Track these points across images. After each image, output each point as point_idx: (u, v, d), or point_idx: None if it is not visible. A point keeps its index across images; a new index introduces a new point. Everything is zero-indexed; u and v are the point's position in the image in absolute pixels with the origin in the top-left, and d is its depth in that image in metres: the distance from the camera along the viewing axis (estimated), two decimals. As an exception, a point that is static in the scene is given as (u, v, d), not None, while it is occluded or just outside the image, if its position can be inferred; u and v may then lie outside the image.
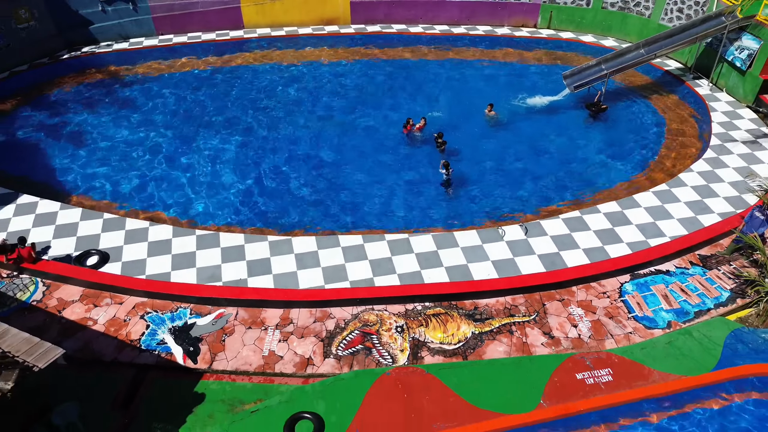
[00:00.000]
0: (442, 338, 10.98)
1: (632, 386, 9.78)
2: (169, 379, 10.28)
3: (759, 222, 11.67)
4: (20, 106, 19.15)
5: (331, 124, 18.06)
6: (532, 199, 14.93)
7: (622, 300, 11.65)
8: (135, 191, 15.41)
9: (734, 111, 17.82)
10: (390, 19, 23.50)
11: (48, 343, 8.17)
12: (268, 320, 11.34)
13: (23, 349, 7.87)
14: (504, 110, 18.46)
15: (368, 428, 9.18)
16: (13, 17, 19.96)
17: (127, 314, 11.43)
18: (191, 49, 22.27)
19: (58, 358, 8.16)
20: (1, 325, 8.44)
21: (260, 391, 10.07)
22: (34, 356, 7.80)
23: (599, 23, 22.33)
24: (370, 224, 14.23)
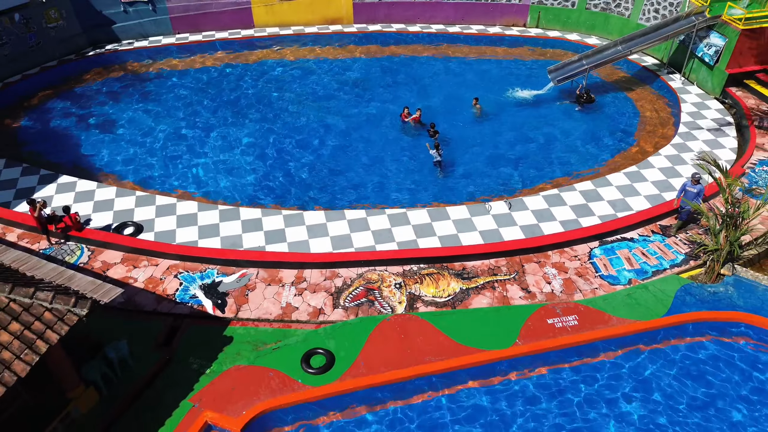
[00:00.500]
0: (434, 293, 12.78)
1: (594, 329, 11.57)
2: (201, 326, 12.08)
3: (692, 195, 13.40)
4: (51, 98, 20.95)
5: (336, 114, 19.85)
6: (517, 179, 16.71)
7: (590, 262, 13.45)
8: (159, 173, 17.20)
9: (703, 102, 19.62)
10: (390, 19, 25.28)
11: (108, 284, 9.96)
12: (285, 279, 13.15)
13: (89, 288, 9.63)
14: (494, 102, 20.25)
15: (371, 362, 10.97)
16: (44, 17, 21.74)
17: (162, 274, 13.24)
18: (206, 47, 24.04)
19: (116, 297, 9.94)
20: (68, 271, 10.23)
21: (280, 334, 11.87)
22: (98, 293, 9.56)
23: (584, 23, 24.11)
24: (372, 200, 16.00)
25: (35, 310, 8.64)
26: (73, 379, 10.10)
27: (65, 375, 9.94)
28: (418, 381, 10.82)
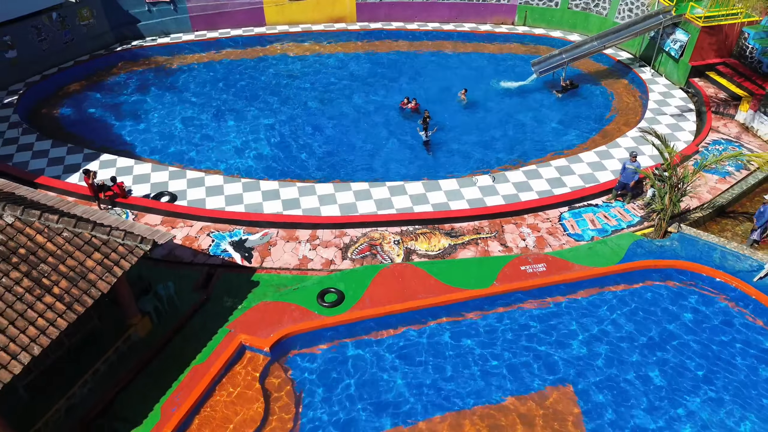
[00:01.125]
0: (427, 248, 15.16)
1: (559, 274, 13.95)
2: (232, 273, 14.46)
3: (631, 173, 15.76)
4: (85, 88, 23.31)
5: (342, 102, 22.21)
6: (501, 157, 19.07)
7: (560, 223, 15.83)
8: (186, 152, 19.55)
9: (669, 92, 21.98)
10: (390, 17, 27.62)
11: (162, 230, 12.32)
12: (301, 237, 15.53)
13: (148, 233, 11.97)
14: (484, 92, 22.62)
15: (374, 298, 13.36)
16: (78, 16, 24.10)
17: (197, 233, 15.62)
18: (222, 43, 26.39)
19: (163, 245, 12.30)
20: (129, 221, 12.58)
21: (298, 279, 14.24)
22: (156, 237, 11.91)
23: (566, 21, 26.48)
24: (374, 175, 18.36)
25: (111, 245, 11.02)
26: (133, 309, 12.49)
27: (127, 304, 12.32)
28: (413, 313, 13.20)
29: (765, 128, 18.85)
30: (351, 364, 12.45)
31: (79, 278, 10.41)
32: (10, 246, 10.16)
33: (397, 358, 12.56)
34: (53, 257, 10.40)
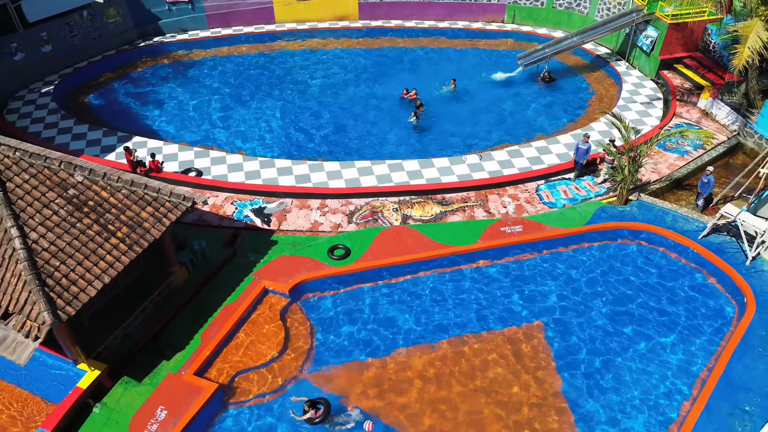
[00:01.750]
0: (421, 214, 17.55)
1: (534, 233, 16.34)
2: (254, 234, 16.85)
3: (583, 152, 18.15)
4: (112, 80, 25.70)
5: (346, 92, 24.59)
6: (488, 139, 21.44)
7: (537, 194, 18.23)
8: (208, 136, 21.93)
9: (641, 83, 24.37)
10: (389, 16, 29.98)
11: (199, 193, 14.71)
12: (312, 205, 17.93)
13: (188, 194, 14.34)
14: (475, 82, 25.00)
15: (376, 253, 15.75)
16: (105, 14, 26.49)
17: (222, 202, 18.02)
18: (235, 39, 28.76)
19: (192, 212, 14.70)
20: (170, 185, 14.96)
21: (311, 239, 16.63)
22: (195, 197, 14.27)
23: (551, 19, 28.86)
24: (375, 154, 20.73)
25: (160, 201, 13.42)
26: (174, 260, 14.89)
27: (170, 255, 14.72)
28: (409, 265, 15.60)
29: (722, 113, 21.24)
30: (355, 305, 14.85)
31: (136, 226, 12.83)
32: (81, 199, 12.57)
33: (396, 301, 14.96)
34: (115, 209, 12.82)
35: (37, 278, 11.16)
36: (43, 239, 11.67)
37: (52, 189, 12.38)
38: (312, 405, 12.08)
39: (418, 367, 13.43)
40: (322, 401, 12.28)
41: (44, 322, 10.85)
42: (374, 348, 13.85)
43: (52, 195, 12.30)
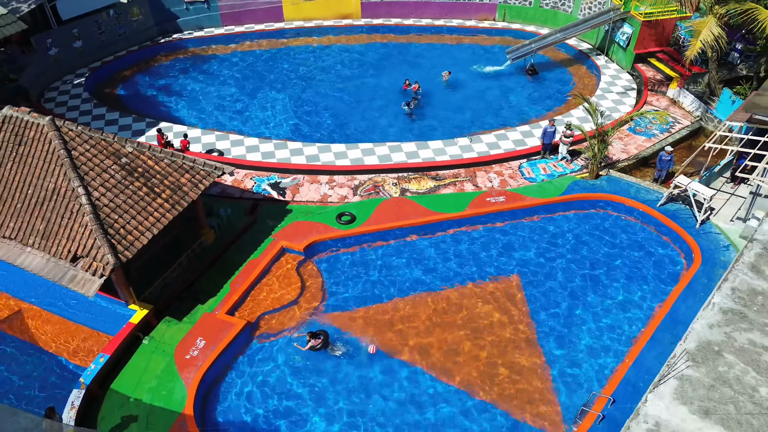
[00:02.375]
0: (417, 188, 20.00)
1: (515, 203, 18.80)
2: (271, 204, 19.31)
3: (550, 134, 20.60)
4: (136, 73, 28.16)
5: (350, 83, 27.05)
6: (478, 124, 23.89)
7: (519, 170, 20.69)
8: (225, 121, 24.39)
9: (617, 75, 26.82)
10: (389, 14, 32.40)
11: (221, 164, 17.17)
12: (321, 180, 20.38)
13: (217, 165, 16.77)
14: (467, 74, 27.45)
15: (378, 219, 18.21)
16: (129, 13, 28.94)
17: (242, 177, 20.48)
18: (247, 36, 31.20)
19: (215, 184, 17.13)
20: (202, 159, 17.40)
21: (321, 208, 19.07)
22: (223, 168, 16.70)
23: (538, 17, 31.30)
24: (377, 138, 23.17)
25: (196, 169, 15.88)
26: (204, 223, 17.36)
27: (201, 218, 17.19)
28: (406, 229, 18.06)
29: (687, 101, 23.69)
30: (360, 261, 17.33)
31: (177, 189, 15.30)
32: (132, 166, 15.04)
33: (394, 257, 17.42)
34: (159, 175, 15.28)
35: (101, 228, 13.63)
36: (104, 197, 14.14)
37: (108, 157, 14.84)
38: (313, 336, 14.56)
39: (411, 310, 15.89)
40: (321, 332, 14.73)
41: (108, 262, 13.32)
42: (375, 296, 16.30)
43: (109, 162, 14.77)
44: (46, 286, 15.57)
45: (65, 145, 14.37)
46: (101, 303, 15.22)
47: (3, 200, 14.51)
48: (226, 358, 14.34)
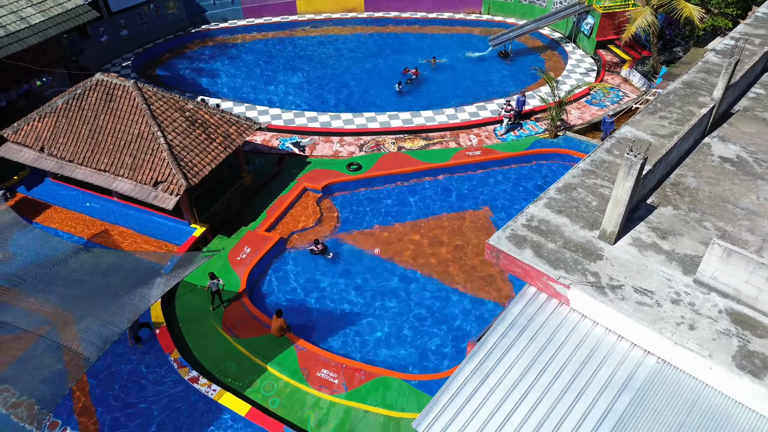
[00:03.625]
0: (411, 146, 24.86)
1: (488, 155, 23.65)
2: (294, 158, 24.17)
3: (521, 102, 25.46)
4: (172, 58, 33.01)
5: (355, 65, 31.88)
6: (463, 99, 28.72)
7: (494, 132, 25.53)
8: (251, 96, 29.23)
9: (582, 59, 31.66)
10: (389, 8, 37.21)
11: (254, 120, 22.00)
12: (334, 140, 25.24)
13: (252, 119, 21.59)
14: (455, 58, 32.29)
15: (379, 167, 23.06)
16: (166, 7, 33.76)
17: (270, 138, 25.34)
18: (266, 27, 36.03)
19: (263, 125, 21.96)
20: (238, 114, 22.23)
21: (333, 161, 23.92)
22: (259, 123, 21.50)
23: (518, 10, 36.12)
24: (378, 108, 28.02)
25: (240, 123, 20.71)
26: (244, 168, 22.22)
27: (242, 164, 22.04)
28: (402, 175, 22.90)
29: (635, 79, 28.54)
30: (365, 198, 22.18)
31: (227, 136, 20.14)
32: (193, 118, 19.88)
33: (391, 196, 22.27)
34: (213, 125, 20.13)
35: (175, 161, 18.48)
36: (175, 139, 18.99)
37: (176, 111, 19.69)
38: (316, 243, 19.42)
39: (405, 231, 20.74)
40: (321, 243, 19.54)
41: (181, 185, 18.17)
42: (376, 222, 21.15)
43: (177, 115, 19.62)
44: (127, 214, 20.42)
45: (146, 101, 19.24)
46: (169, 223, 20.07)
47: (98, 143, 19.36)
48: (266, 260, 19.20)
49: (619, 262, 9.57)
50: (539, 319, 9.38)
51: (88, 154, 19.38)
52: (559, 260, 9.57)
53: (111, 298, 15.30)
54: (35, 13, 22.65)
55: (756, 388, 7.71)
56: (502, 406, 8.55)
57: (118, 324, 13.66)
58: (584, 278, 9.19)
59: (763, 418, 7.90)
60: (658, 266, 9.47)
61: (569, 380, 8.64)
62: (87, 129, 19.57)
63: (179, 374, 15.49)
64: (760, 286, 8.48)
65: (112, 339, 13.18)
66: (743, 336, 8.36)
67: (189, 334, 16.83)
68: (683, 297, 8.92)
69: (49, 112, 20.05)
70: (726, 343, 8.25)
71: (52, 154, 19.79)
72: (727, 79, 11.83)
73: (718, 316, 8.67)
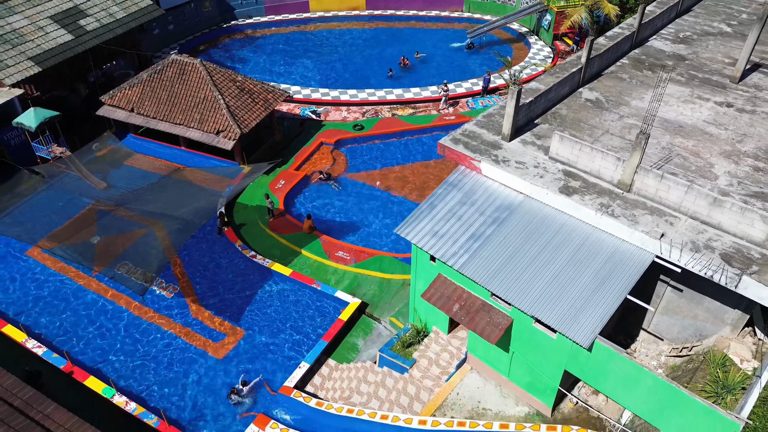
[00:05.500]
0: (401, 113, 32.33)
1: (461, 120, 31.10)
2: (312, 122, 31.64)
3: (486, 80, 32.92)
4: (209, 48, 40.45)
5: (358, 53, 39.33)
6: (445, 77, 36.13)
7: (467, 104, 32.99)
8: (275, 78, 36.68)
9: (542, 48, 39.10)
10: (387, 7, 44.61)
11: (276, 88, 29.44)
12: (342, 109, 32.72)
13: (280, 90, 28.96)
14: (439, 48, 39.74)
15: (378, 127, 30.53)
16: (203, 6, 41.19)
17: (293, 107, 32.81)
18: (284, 23, 43.45)
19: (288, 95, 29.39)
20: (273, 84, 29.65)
21: (342, 124, 31.38)
22: (288, 92, 28.85)
23: (493, 9, 43.53)
24: (377, 86, 35.45)
25: (274, 92, 28.15)
26: (276, 127, 29.69)
27: (274, 125, 29.52)
28: (394, 134, 30.37)
29: (581, 63, 35.93)
30: (367, 149, 29.65)
31: (266, 100, 27.61)
32: (242, 87, 27.33)
33: (387, 148, 29.72)
34: (256, 92, 27.59)
35: (231, 116, 25.93)
36: (230, 101, 26.43)
37: (229, 81, 27.15)
38: (320, 173, 26.91)
39: (393, 172, 28.18)
40: (328, 173, 26.99)
41: (236, 132, 25.60)
42: (376, 165, 28.59)
43: (230, 84, 27.08)
44: (192, 158, 27.84)
45: (209, 74, 26.70)
46: (224, 165, 27.51)
47: (174, 104, 26.79)
48: (296, 189, 26.67)
49: (510, 150, 16.94)
50: (465, 180, 16.79)
51: (166, 112, 26.84)
52: (477, 149, 16.94)
53: (186, 207, 22.80)
54: (119, 10, 30.14)
55: (567, 201, 15.09)
56: (442, 220, 15.97)
57: (196, 222, 20.96)
58: (489, 157, 16.59)
59: (568, 216, 15.24)
60: (531, 151, 16.86)
61: (479, 206, 16.04)
62: (165, 94, 27.03)
63: (242, 253, 22.99)
64: (578, 156, 15.85)
65: (190, 233, 20.48)
66: (566, 180, 15.72)
67: (246, 233, 24.34)
68: (540, 164, 16.29)
69: (137, 83, 27.53)
70: (557, 183, 15.60)
71: (140, 113, 27.26)
72: (587, 52, 19.27)
73: (556, 172, 16.01)
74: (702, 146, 16.97)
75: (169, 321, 20.75)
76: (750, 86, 19.91)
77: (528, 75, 34.35)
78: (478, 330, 14.92)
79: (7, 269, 22.80)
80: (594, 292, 13.78)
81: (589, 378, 14.31)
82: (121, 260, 21.76)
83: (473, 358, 17.10)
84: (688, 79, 20.43)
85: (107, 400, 17.71)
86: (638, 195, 15.09)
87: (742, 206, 13.44)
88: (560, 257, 14.56)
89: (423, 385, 17.05)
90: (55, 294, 21.91)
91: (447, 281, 16.08)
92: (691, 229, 14.05)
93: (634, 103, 19.18)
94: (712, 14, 25.40)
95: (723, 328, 15.02)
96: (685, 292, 15.24)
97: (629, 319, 16.89)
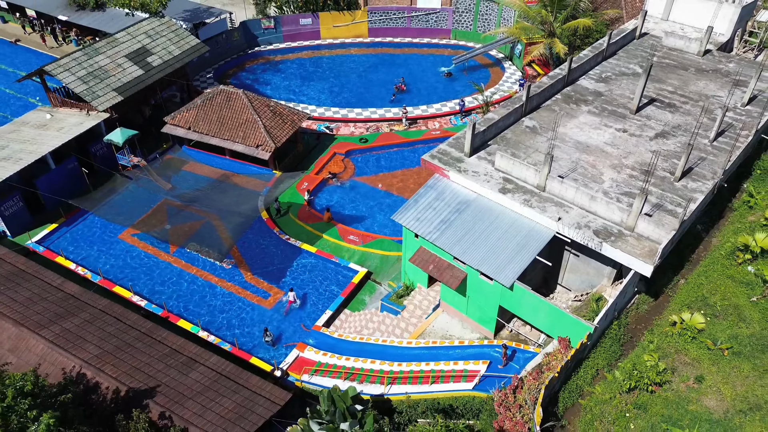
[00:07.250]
0: (398, 128, 40.44)
1: (444, 134, 39.20)
2: (326, 135, 39.73)
3: (462, 105, 40.99)
4: (238, 72, 48.53)
5: (363, 76, 47.42)
6: (432, 100, 44.22)
7: (450, 121, 41.09)
8: (295, 98, 44.77)
9: (515, 72, 47.20)
10: (386, 36, 52.60)
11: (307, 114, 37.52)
12: (350, 125, 40.85)
13: (303, 112, 36.94)
14: (428, 72, 47.82)
15: (379, 141, 38.63)
16: (233, 35, 49.25)
17: (311, 123, 40.91)
18: (300, 49, 51.52)
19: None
20: (297, 107, 37.69)
21: (350, 138, 39.47)
22: (307, 113, 36.86)
23: (477, 38, 51.62)
24: (378, 106, 43.53)
25: (299, 113, 36.27)
26: (299, 140, 37.79)
27: (298, 139, 37.61)
28: (393, 145, 38.50)
29: (544, 87, 44.12)
30: (371, 158, 37.75)
31: (292, 120, 35.71)
32: (275, 110, 35.44)
33: (387, 157, 37.81)
34: (285, 114, 35.69)
35: (267, 134, 34.01)
36: (266, 122, 34.52)
37: (265, 106, 35.25)
38: (330, 173, 35.01)
39: (392, 176, 36.24)
40: (334, 173, 35.08)
41: (271, 146, 33.69)
42: (378, 170, 36.66)
43: (265, 108, 35.17)
44: (235, 166, 35.87)
45: (249, 101, 34.80)
46: (261, 171, 35.57)
47: (223, 124, 34.86)
48: (317, 189, 34.76)
49: (469, 164, 24.99)
50: (438, 183, 24.89)
51: (216, 130, 34.94)
52: (447, 163, 24.99)
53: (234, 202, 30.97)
54: (176, 49, 38.23)
55: (503, 197, 23.18)
56: (422, 210, 24.06)
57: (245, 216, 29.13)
58: (454, 168, 24.74)
59: (503, 207, 23.31)
60: (483, 164, 24.93)
61: (447, 201, 24.12)
62: (216, 116, 35.13)
63: (279, 237, 31.13)
64: (512, 167, 23.93)
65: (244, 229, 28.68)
66: (504, 183, 23.78)
67: (281, 222, 32.48)
68: (488, 173, 24.37)
69: (192, 107, 35.64)
70: (498, 185, 23.66)
71: (195, 130, 35.36)
72: (526, 92, 27.36)
73: (498, 178, 24.08)
74: (598, 161, 25.12)
75: (230, 284, 28.88)
76: (643, 116, 28.05)
77: (499, 97, 42.49)
78: (444, 280, 23.05)
79: (108, 249, 30.93)
80: (515, 254, 21.91)
81: (513, 308, 22.45)
82: (189, 242, 29.90)
83: (444, 304, 25.24)
84: (600, 110, 28.58)
85: (194, 334, 25.85)
86: (549, 193, 23.23)
87: (608, 201, 21.58)
88: (496, 233, 22.70)
89: (410, 322, 25.19)
90: (143, 265, 30.03)
91: (425, 251, 24.20)
92: (579, 215, 22.18)
93: (560, 129, 27.33)
94: (631, 57, 33.55)
95: (603, 279, 23.19)
96: (581, 257, 23.38)
97: (550, 279, 25.03)
